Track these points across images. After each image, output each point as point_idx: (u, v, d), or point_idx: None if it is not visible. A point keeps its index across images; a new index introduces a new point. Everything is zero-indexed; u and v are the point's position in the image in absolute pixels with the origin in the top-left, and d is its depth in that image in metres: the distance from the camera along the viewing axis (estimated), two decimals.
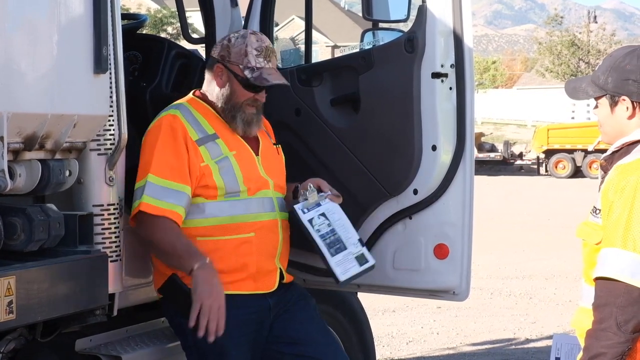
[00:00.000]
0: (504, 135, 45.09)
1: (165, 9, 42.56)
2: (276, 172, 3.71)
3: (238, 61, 3.55)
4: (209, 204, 3.51)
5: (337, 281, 3.59)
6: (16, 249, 3.10)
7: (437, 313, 8.91)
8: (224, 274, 3.45)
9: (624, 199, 2.79)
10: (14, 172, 3.00)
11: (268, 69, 3.57)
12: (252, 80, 3.54)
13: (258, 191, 3.58)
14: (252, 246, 3.53)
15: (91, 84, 3.21)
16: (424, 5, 3.92)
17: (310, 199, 3.62)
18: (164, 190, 3.44)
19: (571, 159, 30.68)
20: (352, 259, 3.63)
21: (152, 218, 3.43)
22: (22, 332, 3.38)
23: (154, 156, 3.47)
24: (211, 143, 3.53)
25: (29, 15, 2.94)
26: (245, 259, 3.52)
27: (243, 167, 3.56)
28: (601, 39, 51.39)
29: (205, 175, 3.49)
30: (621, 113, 2.98)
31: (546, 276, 11.16)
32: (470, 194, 4.00)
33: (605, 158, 3.04)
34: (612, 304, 2.76)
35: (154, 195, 3.43)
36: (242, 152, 3.60)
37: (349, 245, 3.64)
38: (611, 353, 2.76)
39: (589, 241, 2.94)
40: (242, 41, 3.56)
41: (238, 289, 3.52)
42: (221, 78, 3.60)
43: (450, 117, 3.96)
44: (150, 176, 3.44)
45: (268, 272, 3.60)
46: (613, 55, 3.05)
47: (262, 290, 3.58)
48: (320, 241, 3.57)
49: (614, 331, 2.75)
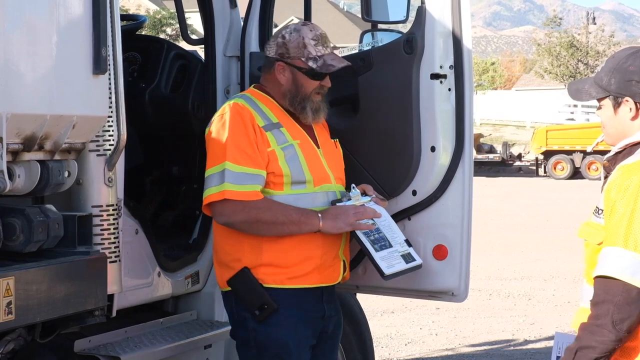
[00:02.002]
0: (502, 136, 45.11)
1: (164, 10, 42.54)
2: (337, 165, 3.75)
3: (299, 55, 3.59)
4: (276, 196, 3.53)
5: (383, 274, 3.60)
6: (15, 249, 3.10)
7: (435, 314, 8.91)
8: (290, 267, 3.52)
9: (627, 199, 2.80)
10: (13, 173, 3.00)
11: (329, 54, 3.61)
12: (318, 69, 3.58)
13: (321, 184, 3.61)
14: (318, 240, 3.56)
15: (90, 84, 3.21)
16: (423, 7, 3.92)
17: (354, 199, 3.64)
18: (243, 175, 3.46)
19: (570, 160, 30.69)
20: (398, 256, 3.66)
21: (242, 203, 3.44)
22: (21, 332, 3.38)
23: (227, 143, 3.48)
24: (276, 130, 3.57)
25: (28, 16, 2.94)
26: (310, 252, 3.55)
27: (307, 156, 3.59)
28: (600, 40, 51.41)
29: (271, 160, 3.51)
30: (624, 114, 2.98)
31: (545, 277, 11.16)
32: (469, 195, 4.00)
33: (609, 159, 3.04)
34: (609, 302, 2.77)
35: (235, 182, 3.45)
36: (305, 143, 3.63)
37: (395, 244, 3.68)
38: (601, 348, 2.78)
39: (591, 241, 2.95)
40: (297, 35, 3.60)
41: (303, 282, 3.55)
42: (284, 75, 3.62)
43: (449, 118, 3.96)
44: (228, 164, 3.46)
45: (332, 264, 3.63)
46: (616, 56, 3.05)
47: (326, 283, 3.62)
48: (364, 237, 3.60)
49: (609, 329, 2.77)
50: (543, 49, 51.83)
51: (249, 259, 3.53)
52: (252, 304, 3.51)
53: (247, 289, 3.52)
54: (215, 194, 3.46)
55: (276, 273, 3.52)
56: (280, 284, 3.53)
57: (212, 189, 3.47)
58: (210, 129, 3.56)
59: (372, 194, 3.72)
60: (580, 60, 49.98)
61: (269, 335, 3.51)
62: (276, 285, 3.52)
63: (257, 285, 3.50)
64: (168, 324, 4.10)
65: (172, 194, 4.74)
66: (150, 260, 3.95)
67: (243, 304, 3.56)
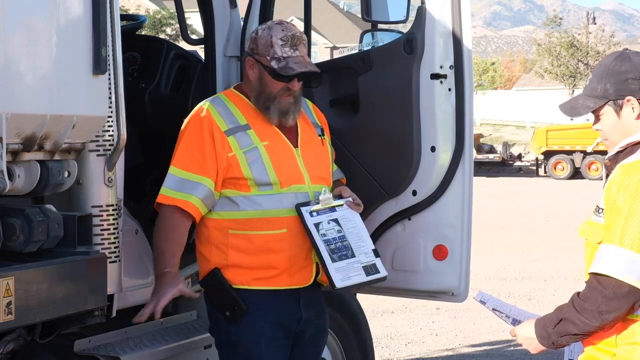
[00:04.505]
0: (502, 136, 45.13)
1: (164, 10, 42.57)
2: (319, 164, 3.67)
3: (265, 52, 3.56)
4: (242, 197, 3.53)
5: (333, 287, 3.54)
6: (15, 249, 3.09)
7: (436, 314, 8.91)
8: (256, 269, 3.51)
9: (626, 198, 2.81)
10: (13, 173, 2.99)
11: (295, 57, 3.56)
12: (278, 70, 3.54)
13: (291, 185, 3.56)
14: (284, 243, 3.53)
15: (90, 84, 3.20)
16: (423, 7, 3.93)
17: (322, 203, 3.57)
18: (181, 181, 3.51)
19: (570, 160, 30.68)
20: (359, 268, 3.56)
21: (165, 208, 3.53)
22: (21, 333, 3.38)
23: (178, 149, 3.56)
24: (241, 133, 3.55)
25: (28, 16, 2.94)
26: (276, 255, 3.52)
27: (275, 158, 3.54)
28: (600, 40, 51.37)
29: (232, 165, 3.50)
30: (628, 115, 2.98)
31: (545, 277, 11.16)
32: (469, 195, 4.00)
33: (610, 158, 3.05)
34: (600, 292, 2.80)
35: (171, 187, 3.52)
36: (277, 143, 3.59)
37: (359, 254, 3.57)
38: (581, 328, 2.84)
39: (592, 240, 2.95)
40: (268, 32, 3.58)
41: (272, 284, 3.54)
42: (253, 70, 3.61)
43: (449, 118, 3.96)
44: (172, 168, 3.54)
45: (303, 267, 3.59)
46: (602, 63, 3.05)
47: (296, 285, 3.58)
48: (323, 245, 3.52)
49: (594, 315, 2.82)
50: (543, 49, 51.79)
51: (217, 259, 3.55)
52: (223, 305, 3.53)
53: (218, 290, 3.55)
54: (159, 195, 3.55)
55: (242, 274, 3.52)
56: (248, 285, 3.52)
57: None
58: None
59: (347, 196, 3.66)
60: (581, 60, 49.96)
61: (240, 336, 3.51)
62: (244, 286, 3.52)
63: (227, 286, 3.52)
64: (168, 324, 4.10)
65: None
66: (150, 261, 3.94)
67: (215, 304, 3.58)
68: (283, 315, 3.57)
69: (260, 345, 3.52)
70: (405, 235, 4.08)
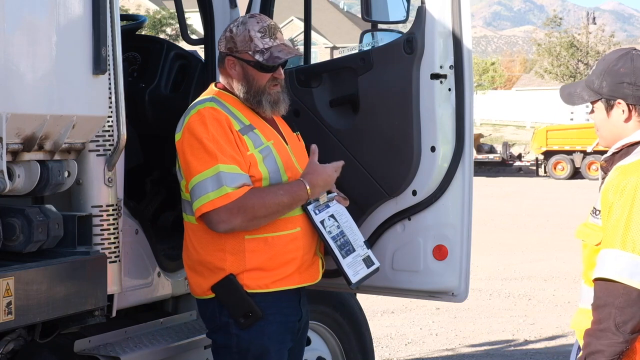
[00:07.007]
0: (502, 136, 45.13)
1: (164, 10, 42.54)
2: (304, 159, 3.67)
3: (246, 48, 3.53)
4: None
5: (350, 283, 3.57)
6: (15, 249, 3.10)
7: (436, 314, 8.91)
8: (274, 270, 3.47)
9: (624, 200, 2.80)
10: (13, 173, 3.00)
11: (276, 46, 3.54)
12: (265, 62, 3.52)
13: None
14: (299, 241, 3.52)
15: (90, 84, 3.20)
16: (423, 7, 3.92)
17: (321, 199, 3.59)
18: (238, 176, 3.37)
19: (570, 160, 30.68)
20: (360, 261, 3.62)
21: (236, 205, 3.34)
22: (21, 333, 3.38)
23: (214, 147, 3.37)
24: (251, 133, 3.51)
25: (28, 16, 2.94)
26: (293, 254, 3.51)
27: (282, 157, 3.54)
28: (600, 40, 51.36)
29: (251, 165, 3.45)
30: (617, 116, 2.98)
31: (545, 277, 11.16)
32: (469, 195, 4.00)
33: (606, 159, 3.04)
34: (611, 305, 2.77)
35: (233, 184, 3.35)
36: (278, 142, 3.58)
37: (357, 247, 3.63)
38: (609, 351, 2.77)
39: (589, 242, 2.95)
40: (244, 28, 3.54)
41: (285, 284, 3.51)
42: (235, 69, 3.57)
43: (449, 118, 3.96)
44: (221, 166, 3.35)
45: (312, 263, 3.60)
46: (606, 58, 3.05)
47: (306, 283, 3.58)
48: (332, 243, 3.55)
49: (613, 331, 2.76)
50: (543, 49, 51.78)
51: (233, 265, 3.44)
52: (237, 311, 3.44)
53: (233, 296, 3.46)
54: (217, 198, 3.33)
55: (261, 277, 3.46)
56: (265, 288, 3.47)
57: (210, 194, 3.34)
58: (185, 135, 3.44)
59: (335, 192, 3.67)
60: (581, 60, 49.95)
61: (251, 341, 3.47)
62: (260, 290, 3.47)
63: (242, 293, 3.44)
64: (168, 324, 4.10)
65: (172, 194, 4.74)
66: (150, 260, 3.95)
67: (227, 310, 3.49)
68: (289, 317, 3.57)
69: (271, 351, 3.51)
70: (405, 235, 4.07)
